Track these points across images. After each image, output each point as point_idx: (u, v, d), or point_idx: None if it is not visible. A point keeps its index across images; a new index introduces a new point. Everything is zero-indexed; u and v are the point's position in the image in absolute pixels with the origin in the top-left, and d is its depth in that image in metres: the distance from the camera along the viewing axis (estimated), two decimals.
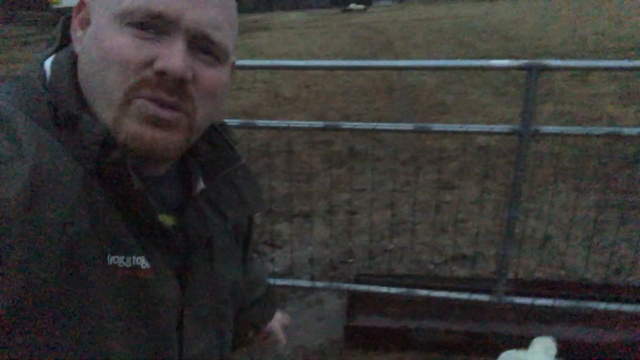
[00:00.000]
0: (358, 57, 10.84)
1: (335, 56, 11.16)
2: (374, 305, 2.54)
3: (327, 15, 25.05)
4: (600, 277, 2.71)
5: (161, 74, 0.54)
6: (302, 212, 3.70)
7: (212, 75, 0.59)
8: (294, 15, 25.37)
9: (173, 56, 0.54)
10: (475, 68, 2.36)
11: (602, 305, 2.29)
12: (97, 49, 0.55)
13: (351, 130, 2.51)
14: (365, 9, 27.20)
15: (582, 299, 2.34)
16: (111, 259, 0.54)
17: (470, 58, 9.76)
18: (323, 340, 2.49)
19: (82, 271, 0.51)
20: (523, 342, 1.49)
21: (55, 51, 0.63)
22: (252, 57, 11.21)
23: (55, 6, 17.69)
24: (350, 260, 3.03)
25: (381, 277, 2.66)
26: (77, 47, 0.60)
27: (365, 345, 2.40)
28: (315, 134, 4.80)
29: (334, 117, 6.33)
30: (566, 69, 2.42)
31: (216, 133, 0.71)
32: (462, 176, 4.01)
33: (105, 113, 0.55)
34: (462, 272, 2.93)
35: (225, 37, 0.59)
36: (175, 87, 0.55)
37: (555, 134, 2.34)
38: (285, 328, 1.15)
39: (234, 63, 0.66)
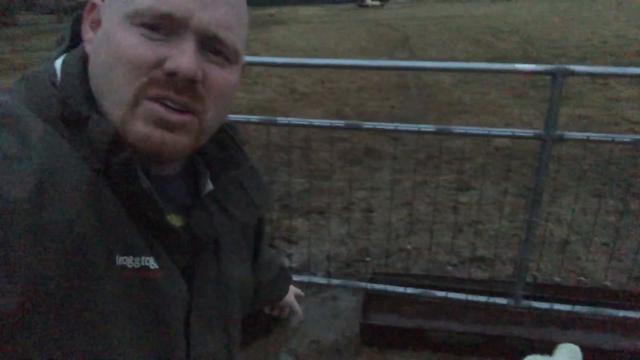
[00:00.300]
0: (374, 54, 10.80)
1: (351, 52, 11.13)
2: (389, 304, 2.54)
3: (343, 10, 24.97)
4: (620, 283, 2.69)
5: (171, 74, 0.54)
6: (318, 209, 3.72)
7: (222, 76, 0.59)
8: (310, 10, 25.31)
9: (183, 56, 0.54)
10: (501, 72, 2.35)
11: (621, 313, 2.28)
12: (107, 49, 0.55)
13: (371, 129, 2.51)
14: (382, 5, 27.06)
15: (602, 305, 2.33)
16: (120, 260, 0.54)
17: (488, 57, 9.69)
18: (338, 336, 2.50)
19: (90, 271, 0.51)
20: (540, 347, 1.48)
21: (65, 51, 0.63)
22: (268, 51, 11.24)
23: None
24: (367, 258, 3.04)
25: (397, 277, 2.67)
26: (87, 47, 0.60)
27: (380, 343, 2.40)
28: (332, 131, 4.79)
29: (349, 114, 6.33)
30: (592, 75, 2.39)
31: (224, 134, 0.70)
32: (479, 177, 3.99)
33: (114, 113, 0.55)
34: (479, 274, 2.92)
35: (235, 37, 0.58)
36: (185, 87, 0.55)
37: (579, 140, 2.32)
38: (299, 298, 1.18)
39: (244, 63, 0.66)
